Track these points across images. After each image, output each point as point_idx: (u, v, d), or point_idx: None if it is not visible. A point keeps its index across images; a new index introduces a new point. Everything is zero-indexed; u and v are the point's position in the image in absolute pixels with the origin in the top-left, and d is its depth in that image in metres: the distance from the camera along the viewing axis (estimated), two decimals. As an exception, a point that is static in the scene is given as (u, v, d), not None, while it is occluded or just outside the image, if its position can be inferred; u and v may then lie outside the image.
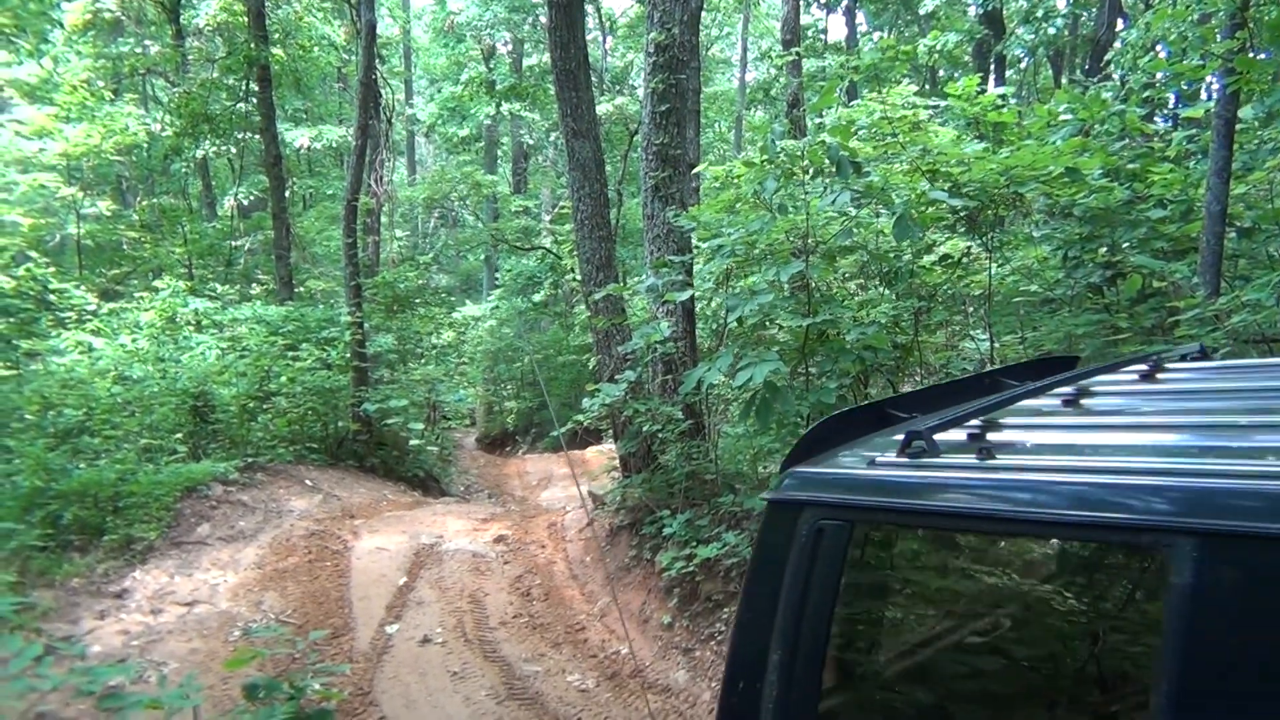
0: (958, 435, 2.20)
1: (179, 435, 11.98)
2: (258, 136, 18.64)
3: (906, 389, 8.42)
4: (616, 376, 8.82)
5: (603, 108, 20.13)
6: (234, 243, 21.11)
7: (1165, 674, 1.57)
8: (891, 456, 2.19)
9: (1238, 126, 7.21)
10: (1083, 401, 2.49)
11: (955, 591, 2.59)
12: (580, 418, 9.71)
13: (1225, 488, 1.64)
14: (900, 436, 2.20)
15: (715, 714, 2.36)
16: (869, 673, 2.57)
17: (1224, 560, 1.56)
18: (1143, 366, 2.74)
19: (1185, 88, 10.53)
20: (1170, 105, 12.33)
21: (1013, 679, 2.37)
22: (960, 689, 2.43)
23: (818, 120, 12.24)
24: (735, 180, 8.37)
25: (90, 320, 15.01)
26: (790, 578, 2.16)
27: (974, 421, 2.28)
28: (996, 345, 8.53)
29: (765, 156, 7.37)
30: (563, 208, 21.09)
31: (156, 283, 17.13)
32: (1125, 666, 2.19)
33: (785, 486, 2.29)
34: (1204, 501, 1.64)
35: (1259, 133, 8.44)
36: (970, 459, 2.04)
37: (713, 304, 9.52)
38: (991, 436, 2.18)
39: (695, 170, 9.89)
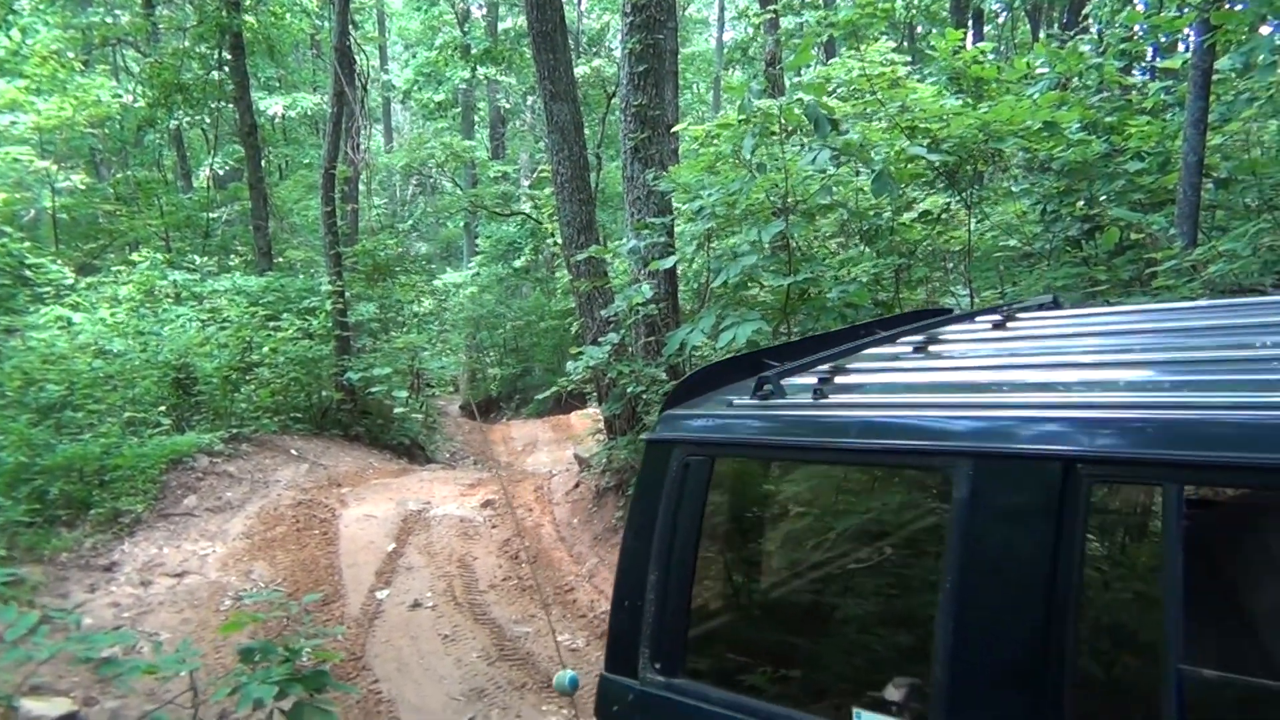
0: (809, 379, 2.48)
1: (162, 408, 11.94)
2: (231, 106, 18.40)
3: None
4: (600, 339, 8.84)
5: (580, 70, 19.97)
6: (211, 214, 20.91)
7: (948, 572, 1.87)
8: (746, 399, 2.47)
9: (1214, 77, 7.23)
10: (930, 348, 2.76)
11: (807, 519, 2.85)
12: (564, 381, 9.74)
13: (993, 419, 1.97)
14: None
15: (607, 630, 2.66)
16: (732, 588, 2.86)
17: (993, 478, 1.87)
18: (996, 316, 3.00)
19: (1163, 39, 10.52)
20: (1148, 57, 12.33)
21: (860, 599, 2.63)
22: (810, 610, 2.70)
23: (795, 79, 12.20)
24: (714, 139, 8.35)
25: (68, 295, 14.87)
26: (664, 509, 2.45)
27: (824, 367, 2.60)
28: (977, 300, 8.57)
29: (743, 115, 7.36)
30: (542, 172, 20.95)
31: (134, 256, 16.99)
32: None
33: (659, 428, 2.60)
34: (977, 430, 1.96)
35: (1235, 84, 8.46)
36: (806, 399, 2.34)
37: (694, 265, 9.52)
38: (838, 379, 2.48)
39: (674, 130, 9.86)
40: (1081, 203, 8.02)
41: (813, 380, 2.44)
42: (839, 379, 2.49)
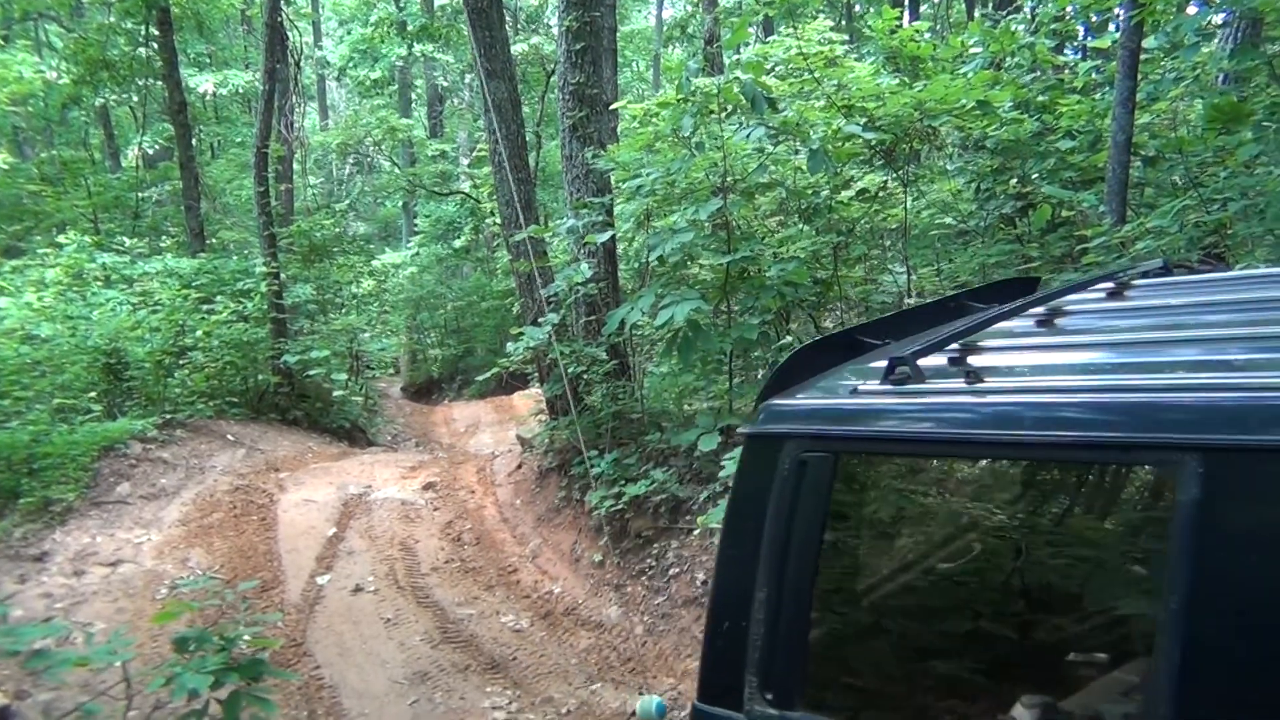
0: (938, 360, 2.13)
1: (93, 394, 11.66)
2: (160, 83, 17.95)
3: (827, 324, 8.56)
4: (540, 319, 8.81)
5: (518, 48, 19.78)
6: (140, 194, 20.42)
7: (1172, 591, 1.55)
8: (875, 384, 2.13)
9: (1142, 57, 7.37)
10: (1056, 321, 2.43)
11: (948, 519, 2.55)
12: (505, 362, 9.69)
13: (1228, 403, 1.61)
14: (882, 363, 2.13)
15: (701, 655, 2.31)
16: (861, 605, 2.52)
17: (1229, 474, 1.54)
18: (1109, 284, 2.67)
19: (1093, 19, 10.70)
20: (1079, 37, 12.53)
21: (1006, 606, 2.36)
22: (955, 618, 2.43)
23: (734, 57, 12.21)
24: (653, 118, 8.34)
25: (-8, 279, 14.47)
26: (773, 513, 2.10)
27: (952, 346, 2.21)
28: (914, 278, 8.68)
29: (681, 94, 7.36)
30: (481, 150, 20.75)
31: (60, 238, 16.51)
32: (1123, 586, 2.19)
33: (763, 420, 2.23)
34: (1210, 417, 1.60)
35: (1163, 63, 8.64)
36: (959, 384, 2.00)
37: (634, 244, 9.52)
38: (972, 360, 2.12)
39: (613, 108, 9.82)
40: (1014, 181, 8.15)
41: (943, 361, 2.11)
42: (973, 359, 2.12)
